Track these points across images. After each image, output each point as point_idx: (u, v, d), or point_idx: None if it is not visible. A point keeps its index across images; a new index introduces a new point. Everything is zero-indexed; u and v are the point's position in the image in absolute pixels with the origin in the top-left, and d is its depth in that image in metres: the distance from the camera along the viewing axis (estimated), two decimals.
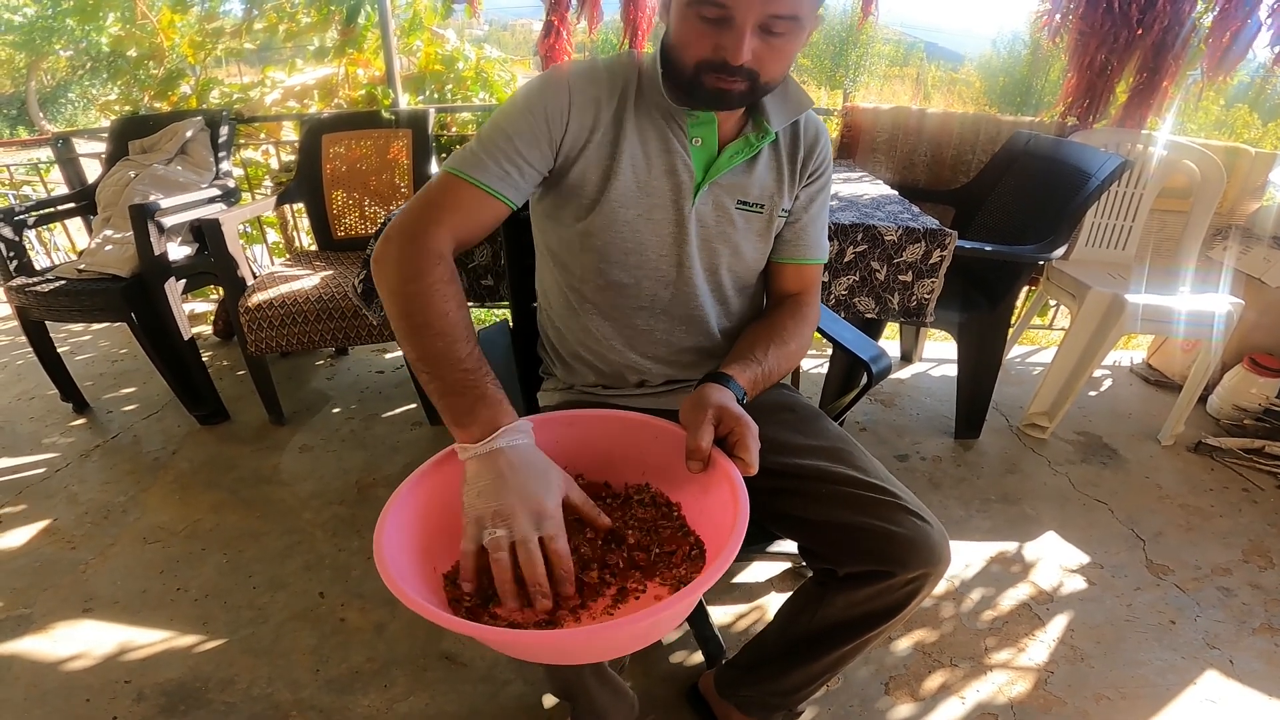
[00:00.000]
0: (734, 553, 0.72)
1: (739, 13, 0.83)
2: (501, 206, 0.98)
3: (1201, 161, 2.31)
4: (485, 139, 0.97)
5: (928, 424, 2.41)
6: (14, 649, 1.53)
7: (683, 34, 0.90)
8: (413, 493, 0.84)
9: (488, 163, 0.96)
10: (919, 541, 0.93)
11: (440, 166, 1.00)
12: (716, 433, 0.86)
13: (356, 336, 2.10)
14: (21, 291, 2.13)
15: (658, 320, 1.12)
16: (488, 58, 3.00)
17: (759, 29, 0.85)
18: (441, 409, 0.85)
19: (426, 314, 0.87)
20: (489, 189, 0.95)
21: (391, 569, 0.72)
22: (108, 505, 1.97)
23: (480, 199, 0.96)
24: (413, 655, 1.51)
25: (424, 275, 0.88)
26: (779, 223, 1.11)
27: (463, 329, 0.88)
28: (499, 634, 0.70)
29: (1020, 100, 16.14)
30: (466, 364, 0.86)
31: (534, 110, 0.97)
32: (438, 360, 0.85)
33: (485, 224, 0.99)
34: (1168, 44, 2.24)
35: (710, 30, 0.86)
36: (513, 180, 0.97)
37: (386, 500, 0.81)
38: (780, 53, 0.89)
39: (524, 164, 0.97)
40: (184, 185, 2.37)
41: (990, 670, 1.51)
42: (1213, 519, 2.00)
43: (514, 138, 0.96)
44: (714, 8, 0.84)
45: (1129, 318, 2.07)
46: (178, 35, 2.88)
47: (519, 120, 0.97)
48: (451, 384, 0.85)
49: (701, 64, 0.89)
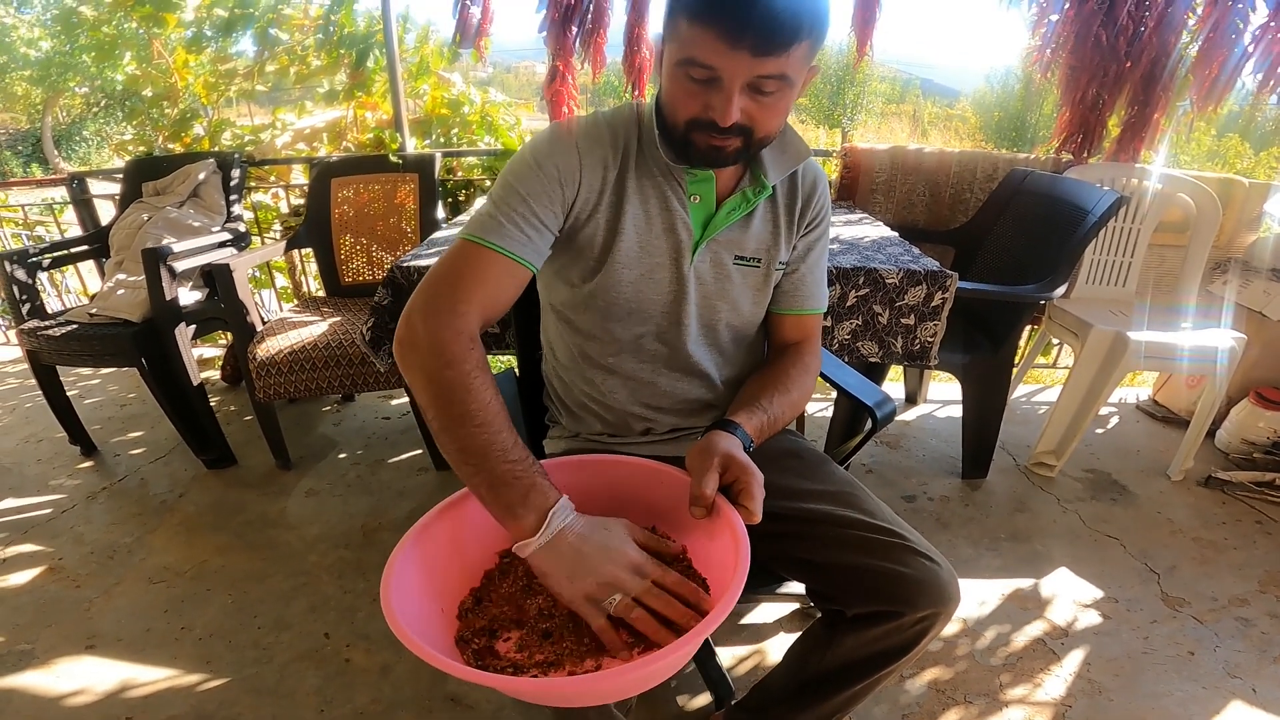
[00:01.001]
0: (734, 600, 0.73)
1: (726, 74, 0.83)
2: (525, 272, 0.96)
3: (1196, 194, 2.33)
4: (500, 202, 0.95)
5: (934, 465, 2.40)
6: (15, 683, 1.54)
7: (673, 93, 0.90)
8: (419, 540, 0.84)
9: (507, 227, 0.94)
10: (928, 582, 0.92)
11: (458, 234, 0.96)
12: (722, 480, 0.86)
13: (364, 383, 2.11)
14: (33, 335, 2.16)
15: (660, 374, 1.13)
16: (493, 101, 3.07)
17: (748, 89, 0.85)
18: (488, 501, 0.82)
19: (466, 404, 0.83)
20: (514, 255, 0.94)
21: (400, 617, 0.72)
22: (113, 545, 1.98)
23: (505, 267, 0.94)
24: (418, 697, 1.50)
25: (459, 362, 0.85)
26: (776, 275, 1.12)
27: (504, 417, 0.85)
28: (508, 682, 0.70)
29: (1015, 135, 16.30)
30: (513, 455, 0.83)
31: (546, 171, 0.96)
32: (482, 453, 0.82)
33: (511, 294, 0.97)
34: (1156, 76, 2.28)
35: (699, 90, 0.86)
36: (534, 245, 0.96)
37: (392, 544, 0.81)
38: (772, 110, 0.89)
39: (541, 226, 0.96)
40: (196, 229, 2.41)
41: (1007, 706, 1.50)
42: (1227, 551, 1.99)
43: (529, 199, 0.95)
44: (701, 69, 0.84)
45: (1132, 355, 2.07)
46: (191, 75, 2.95)
47: (532, 181, 0.96)
48: (500, 476, 0.81)
49: (691, 123, 0.89)
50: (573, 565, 0.78)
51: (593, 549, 0.79)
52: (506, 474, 0.81)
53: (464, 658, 0.79)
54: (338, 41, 2.82)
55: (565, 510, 0.81)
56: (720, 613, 0.71)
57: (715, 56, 0.82)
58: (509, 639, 0.81)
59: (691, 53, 0.83)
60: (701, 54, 0.82)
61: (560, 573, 0.79)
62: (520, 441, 0.84)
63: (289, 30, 2.89)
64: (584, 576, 0.78)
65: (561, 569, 0.79)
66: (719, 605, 0.72)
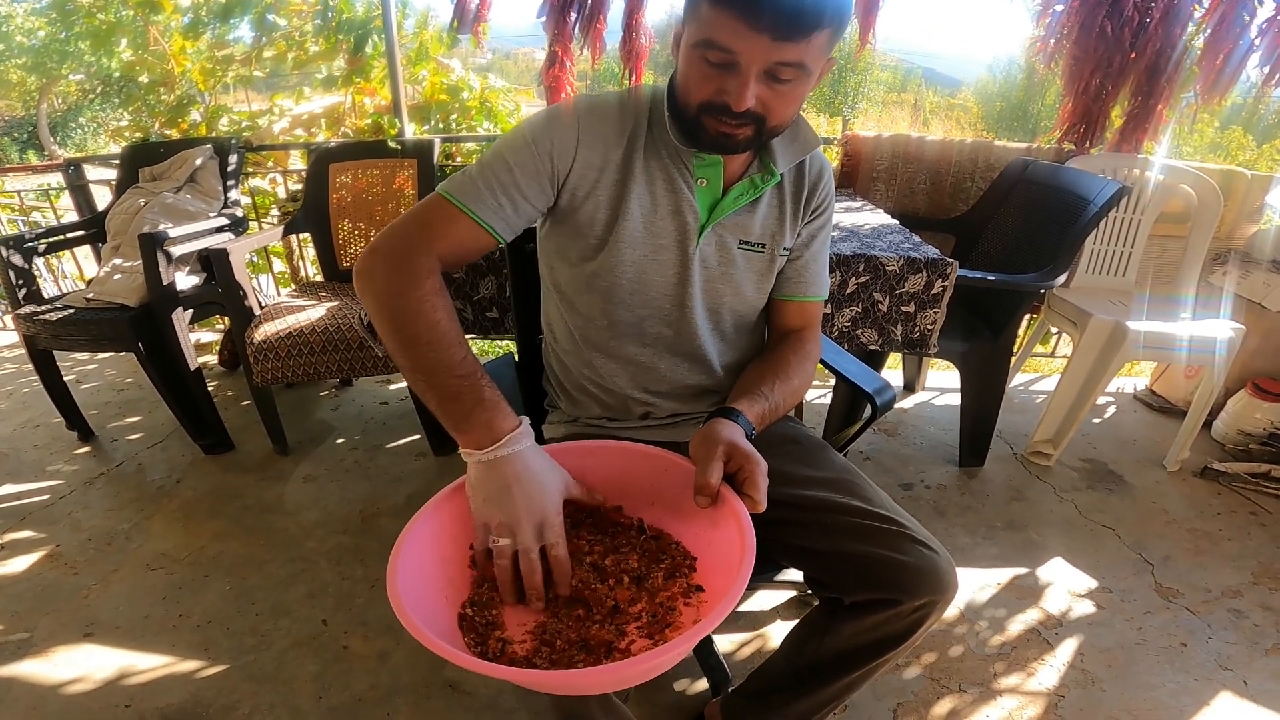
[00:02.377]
0: (740, 592, 0.73)
1: (744, 59, 0.83)
2: (488, 240, 0.97)
3: (1198, 185, 2.32)
4: (485, 167, 0.96)
5: (932, 453, 2.41)
6: (14, 671, 1.53)
7: (688, 75, 0.89)
8: (425, 526, 0.84)
9: (484, 193, 0.95)
10: (926, 570, 0.93)
11: (437, 187, 0.98)
12: (726, 469, 0.86)
13: (362, 368, 2.11)
14: (30, 320, 2.15)
15: (661, 357, 1.13)
16: (492, 87, 3.05)
17: (764, 75, 0.85)
18: (441, 416, 0.86)
19: (415, 326, 0.87)
20: (481, 221, 0.95)
21: (407, 606, 0.72)
22: (111, 532, 1.98)
23: (470, 229, 0.95)
24: (416, 684, 1.51)
25: (411, 290, 0.88)
26: (780, 261, 1.12)
27: (454, 336, 0.88)
28: (510, 672, 0.71)
29: (1018, 125, 16.24)
30: (460, 370, 0.86)
31: (539, 144, 0.96)
32: (432, 369, 0.86)
33: (472, 254, 0.99)
34: (1161, 67, 2.27)
35: (714, 74, 0.86)
36: (505, 215, 0.96)
37: (391, 530, 0.82)
38: (787, 98, 0.88)
39: (520, 199, 0.97)
40: (193, 214, 2.39)
41: (1000, 695, 1.51)
42: (1221, 543, 2.00)
43: (514, 169, 0.96)
44: (719, 52, 0.83)
45: (1131, 345, 2.07)
46: (189, 62, 2.93)
47: (521, 152, 0.96)
48: (447, 390, 0.85)
49: (704, 105, 0.89)
50: (493, 493, 0.82)
51: (519, 490, 0.82)
52: (453, 388, 0.85)
53: (467, 639, 0.80)
54: (336, 27, 2.79)
55: (518, 440, 0.84)
56: (730, 602, 0.72)
57: (734, 39, 0.81)
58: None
59: (710, 34, 0.82)
60: (720, 36, 0.82)
61: (482, 492, 0.83)
62: (471, 358, 0.88)
63: (286, 16, 2.86)
64: (494, 507, 0.82)
65: (484, 490, 0.83)
66: (727, 595, 0.73)
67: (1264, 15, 2.27)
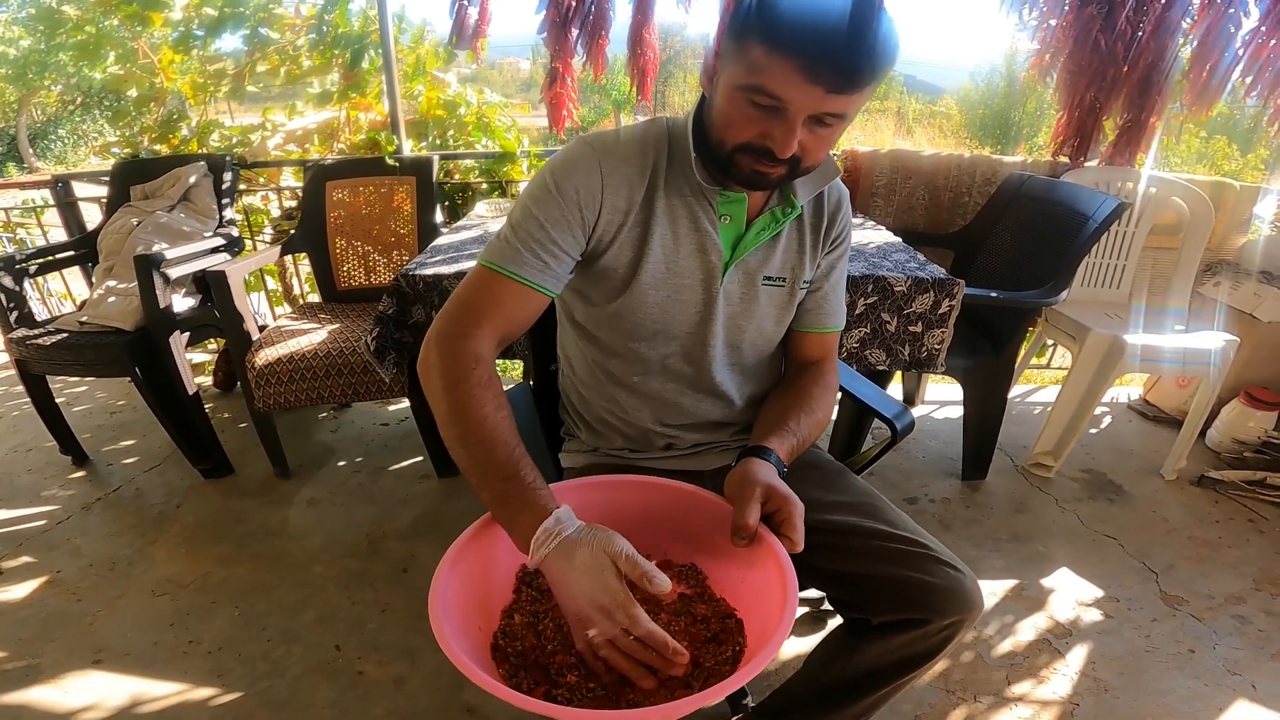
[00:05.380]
0: (786, 633, 0.74)
1: (793, 107, 0.81)
2: (542, 299, 0.97)
3: (1189, 198, 2.36)
4: (518, 227, 0.95)
5: (934, 466, 2.42)
6: (24, 699, 1.52)
7: (728, 115, 0.87)
8: (459, 560, 0.84)
9: (524, 254, 0.94)
10: (954, 590, 0.94)
11: (478, 259, 0.98)
12: (763, 510, 0.87)
13: (366, 392, 2.08)
14: (22, 344, 2.11)
15: (684, 394, 1.13)
16: (489, 102, 3.03)
17: (808, 120, 0.84)
18: (496, 518, 0.86)
19: (465, 421, 0.87)
20: (529, 283, 0.94)
21: (456, 647, 0.71)
22: (113, 558, 1.95)
23: (521, 294, 0.95)
24: (433, 709, 1.50)
25: (462, 382, 0.88)
26: (801, 294, 1.12)
27: (501, 432, 0.87)
28: (566, 713, 0.71)
29: (999, 133, 16.39)
30: (504, 471, 0.85)
31: (565, 195, 0.95)
32: (482, 469, 0.85)
33: (528, 318, 0.98)
34: (1154, 81, 2.30)
35: (759, 117, 0.84)
36: (551, 271, 0.96)
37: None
38: (824, 142, 0.88)
39: (560, 252, 0.96)
40: (188, 234, 2.36)
41: (1015, 704, 1.52)
42: (1221, 550, 2.03)
43: (547, 225, 0.94)
44: (768, 97, 0.82)
45: (1129, 358, 2.10)
46: (178, 76, 2.89)
47: (550, 206, 0.95)
48: (495, 494, 0.84)
49: (741, 147, 0.88)
50: (560, 589, 0.80)
51: (573, 587, 0.78)
52: (500, 493, 0.84)
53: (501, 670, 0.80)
54: (332, 42, 2.76)
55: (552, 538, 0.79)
56: (774, 647, 0.72)
57: (788, 88, 0.80)
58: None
59: (761, 80, 0.81)
60: (773, 84, 0.80)
61: (555, 587, 0.81)
62: (516, 456, 0.86)
63: (280, 30, 2.83)
64: (568, 601, 0.79)
65: (556, 585, 0.81)
66: (773, 640, 0.73)
67: (1249, 26, 2.31)
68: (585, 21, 2.27)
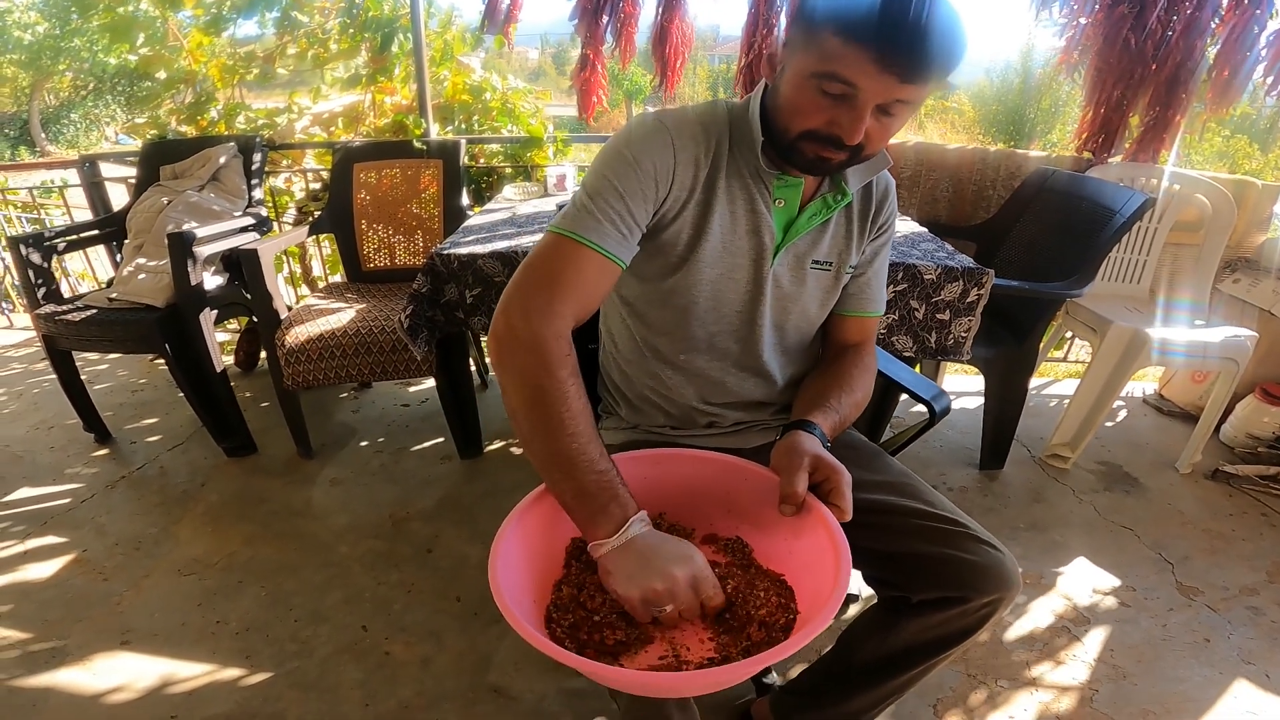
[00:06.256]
0: (842, 596, 0.75)
1: (864, 94, 0.82)
2: (617, 272, 0.95)
3: (1212, 195, 2.37)
4: (597, 197, 0.93)
5: (952, 456, 2.44)
6: (51, 680, 1.51)
7: (796, 101, 0.88)
8: (515, 531, 0.85)
9: (605, 225, 0.92)
10: (994, 568, 0.96)
11: (550, 227, 0.95)
12: (811, 479, 0.88)
13: (394, 371, 2.09)
14: (51, 320, 2.12)
15: (729, 372, 1.14)
16: (514, 88, 3.04)
17: (876, 109, 0.84)
18: (572, 508, 0.84)
19: (561, 412, 0.84)
20: (609, 254, 0.93)
21: (524, 620, 0.72)
22: (138, 537, 1.95)
23: (601, 265, 0.93)
24: (461, 689, 1.51)
25: (557, 368, 0.85)
26: (845, 278, 1.13)
27: (592, 426, 0.86)
28: (624, 674, 0.73)
29: (1013, 129, 16.34)
30: (600, 464, 0.84)
31: (643, 168, 0.94)
32: (571, 461, 0.83)
33: (604, 293, 0.96)
34: (1180, 79, 2.31)
35: (827, 104, 0.85)
36: (627, 243, 0.95)
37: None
38: (888, 129, 0.89)
39: (634, 224, 0.95)
40: (218, 213, 2.37)
41: (1035, 689, 1.54)
42: (1235, 543, 2.04)
43: (626, 197, 0.93)
44: (840, 85, 0.82)
45: (1150, 352, 2.12)
46: (206, 58, 2.89)
47: (629, 178, 0.94)
48: (586, 486, 0.83)
49: (807, 134, 0.88)
50: (636, 568, 0.80)
51: (659, 559, 0.81)
52: (593, 485, 0.83)
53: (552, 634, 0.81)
54: (362, 25, 2.77)
55: (643, 521, 0.83)
56: (830, 612, 0.73)
57: (861, 76, 0.81)
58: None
59: (834, 68, 0.81)
60: (846, 71, 0.81)
61: (622, 573, 0.81)
62: (605, 451, 0.86)
63: (309, 13, 2.83)
64: (646, 578, 0.80)
65: (624, 569, 0.81)
66: (827, 605, 0.74)
67: (1274, 27, 2.32)
68: (616, 9, 2.27)
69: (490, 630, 1.64)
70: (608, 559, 0.81)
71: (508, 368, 0.87)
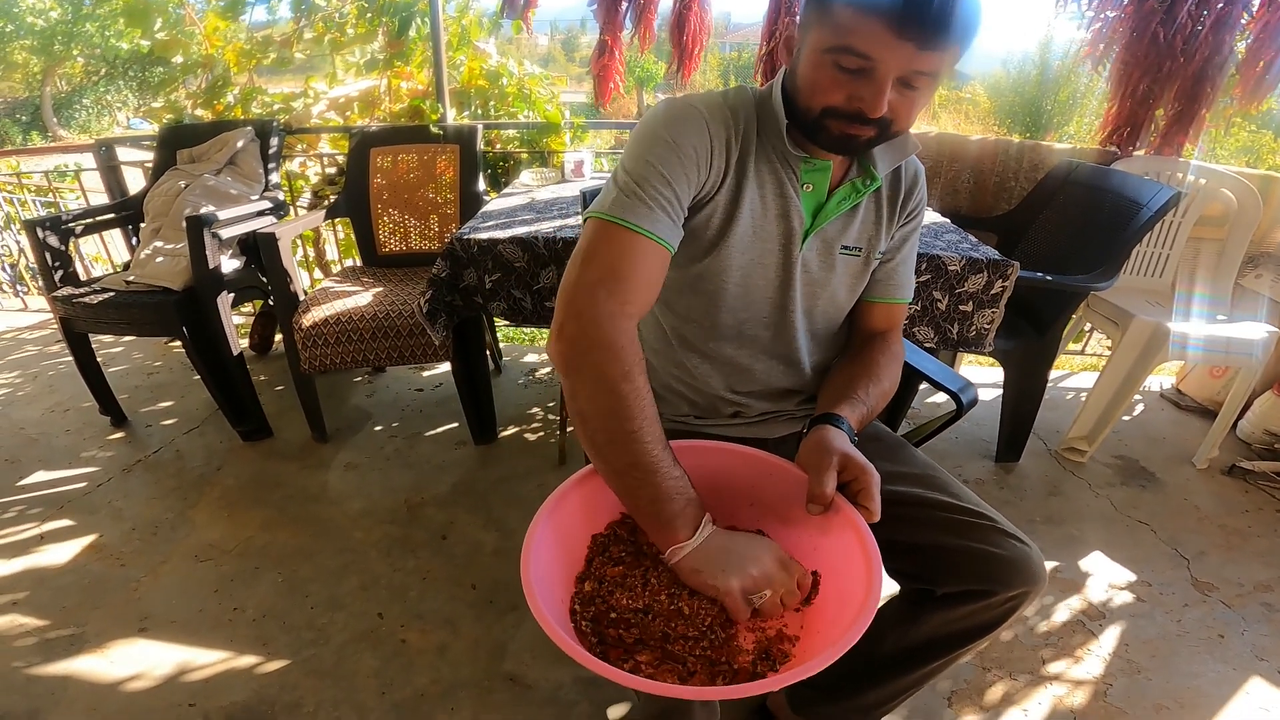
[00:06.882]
0: (877, 600, 0.75)
1: (882, 67, 0.81)
2: (668, 257, 0.93)
3: (1238, 190, 2.34)
4: (645, 183, 0.90)
5: (968, 448, 2.43)
6: (69, 668, 1.51)
7: (814, 79, 0.87)
8: (546, 526, 0.84)
9: (656, 211, 0.90)
10: (1020, 562, 0.95)
11: (597, 213, 0.92)
12: (839, 478, 0.87)
13: (411, 355, 2.09)
14: (68, 302, 2.12)
15: (757, 359, 1.12)
16: (530, 74, 3.01)
17: (898, 82, 0.83)
18: (645, 513, 0.83)
19: (640, 421, 0.82)
20: (663, 242, 0.91)
21: (545, 610, 0.72)
22: (155, 522, 1.96)
23: (657, 255, 0.91)
24: (476, 677, 1.51)
25: (637, 373, 0.84)
26: (874, 264, 1.12)
27: (661, 430, 0.85)
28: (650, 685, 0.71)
29: (1030, 121, 16.17)
30: (675, 470, 0.84)
31: (684, 152, 0.92)
32: (652, 469, 0.82)
33: (658, 282, 0.94)
34: (1208, 74, 2.28)
35: (846, 80, 0.84)
36: (676, 228, 0.93)
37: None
38: (914, 104, 0.87)
39: (680, 209, 0.93)
40: (235, 197, 2.37)
41: (1050, 682, 1.54)
42: (1251, 539, 2.03)
43: (671, 181, 0.91)
44: (856, 58, 0.81)
45: (1172, 346, 2.10)
46: (222, 43, 2.88)
47: (670, 161, 0.92)
48: (665, 491, 0.82)
49: (829, 110, 0.87)
50: (726, 562, 0.81)
51: (743, 549, 0.83)
52: (672, 490, 0.82)
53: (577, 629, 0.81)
54: (379, 9, 2.75)
55: (710, 521, 0.85)
56: (865, 620, 0.72)
57: (877, 46, 0.80)
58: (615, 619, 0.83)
59: (848, 40, 0.81)
60: (861, 43, 0.80)
61: (714, 568, 0.81)
62: (673, 454, 0.86)
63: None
64: (741, 570, 0.81)
65: (715, 566, 0.81)
66: (862, 613, 0.73)
67: None
68: None
69: (505, 618, 1.64)
70: (692, 559, 0.82)
71: (583, 372, 0.85)
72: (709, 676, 0.78)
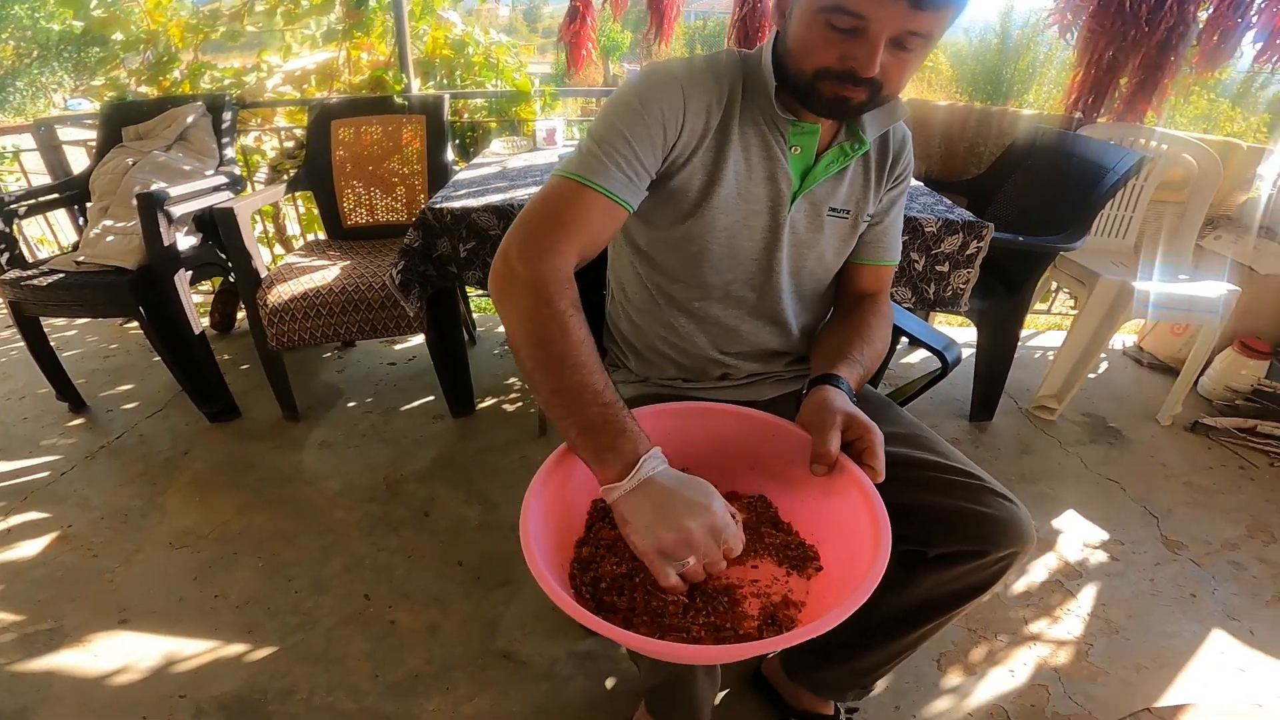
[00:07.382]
0: (885, 562, 0.74)
1: (875, 25, 0.80)
2: (622, 215, 0.93)
3: (1199, 155, 2.39)
4: (603, 141, 0.92)
5: (942, 407, 2.46)
6: (51, 664, 1.46)
7: (806, 40, 0.86)
8: (540, 495, 0.82)
9: (610, 168, 0.90)
10: (1009, 521, 0.96)
11: (555, 172, 0.94)
12: (843, 438, 0.87)
13: (383, 328, 2.04)
14: (16, 285, 2.03)
15: (744, 320, 1.12)
16: (497, 42, 2.93)
17: (890, 42, 0.82)
18: (579, 445, 0.80)
19: (564, 344, 0.81)
20: (615, 196, 0.91)
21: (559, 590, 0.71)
22: (124, 509, 1.90)
23: (605, 208, 0.91)
24: (470, 655, 1.49)
25: (557, 300, 0.83)
26: (862, 227, 1.12)
27: (597, 359, 0.83)
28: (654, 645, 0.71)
29: (991, 89, 16.40)
30: (605, 397, 0.80)
31: (650, 112, 0.93)
32: (576, 394, 0.80)
33: (607, 236, 0.95)
34: (1172, 43, 2.32)
35: (839, 40, 0.83)
36: (634, 186, 0.93)
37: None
38: (906, 66, 0.86)
39: (641, 169, 0.93)
40: (188, 173, 2.27)
41: (1033, 642, 1.57)
42: (1216, 496, 2.09)
43: (632, 141, 0.92)
44: (849, 17, 0.80)
45: (1136, 304, 2.14)
46: (165, 19, 2.74)
47: (635, 122, 0.92)
48: (591, 419, 0.79)
49: (822, 72, 0.86)
50: (652, 517, 0.75)
51: (677, 503, 0.76)
52: (598, 417, 0.79)
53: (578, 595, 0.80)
54: None
55: (656, 459, 0.79)
56: (873, 581, 0.72)
57: (869, 5, 0.79)
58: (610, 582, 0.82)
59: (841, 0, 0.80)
60: (854, 2, 0.79)
61: (640, 521, 0.76)
62: (611, 384, 0.83)
63: None
64: (663, 528, 0.75)
65: (642, 518, 0.76)
66: (870, 572, 0.73)
67: None
68: None
69: (495, 594, 1.62)
70: (623, 505, 0.77)
71: (508, 303, 0.86)
72: (714, 644, 0.77)
